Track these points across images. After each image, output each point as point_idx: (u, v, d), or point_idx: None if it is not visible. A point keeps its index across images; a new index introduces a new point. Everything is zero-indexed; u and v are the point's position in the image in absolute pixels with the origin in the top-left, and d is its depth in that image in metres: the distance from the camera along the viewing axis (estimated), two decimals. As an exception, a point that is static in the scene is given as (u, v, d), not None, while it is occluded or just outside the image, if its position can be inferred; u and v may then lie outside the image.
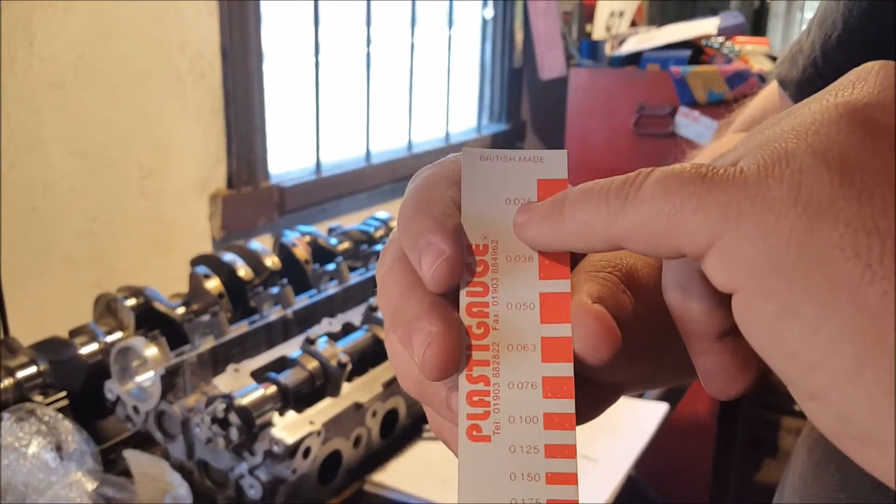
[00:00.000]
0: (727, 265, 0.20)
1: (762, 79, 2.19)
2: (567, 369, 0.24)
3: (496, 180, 0.26)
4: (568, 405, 0.24)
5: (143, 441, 0.92)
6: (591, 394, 0.28)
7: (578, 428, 0.24)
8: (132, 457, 0.85)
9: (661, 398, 1.12)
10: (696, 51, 2.35)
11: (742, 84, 2.20)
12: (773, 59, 2.49)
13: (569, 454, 0.24)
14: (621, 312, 0.25)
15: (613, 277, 0.26)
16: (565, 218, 0.23)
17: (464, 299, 0.25)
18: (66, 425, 0.84)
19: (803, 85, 0.45)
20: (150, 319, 0.99)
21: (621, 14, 2.79)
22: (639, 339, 0.28)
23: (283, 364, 0.92)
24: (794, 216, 0.19)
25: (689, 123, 2.25)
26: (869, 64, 0.22)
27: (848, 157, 0.19)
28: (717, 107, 2.23)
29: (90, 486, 0.79)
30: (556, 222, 0.23)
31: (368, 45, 1.84)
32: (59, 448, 0.83)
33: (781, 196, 0.19)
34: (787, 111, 0.22)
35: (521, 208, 0.25)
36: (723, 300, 0.23)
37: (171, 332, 0.94)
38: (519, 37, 2.47)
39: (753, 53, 2.45)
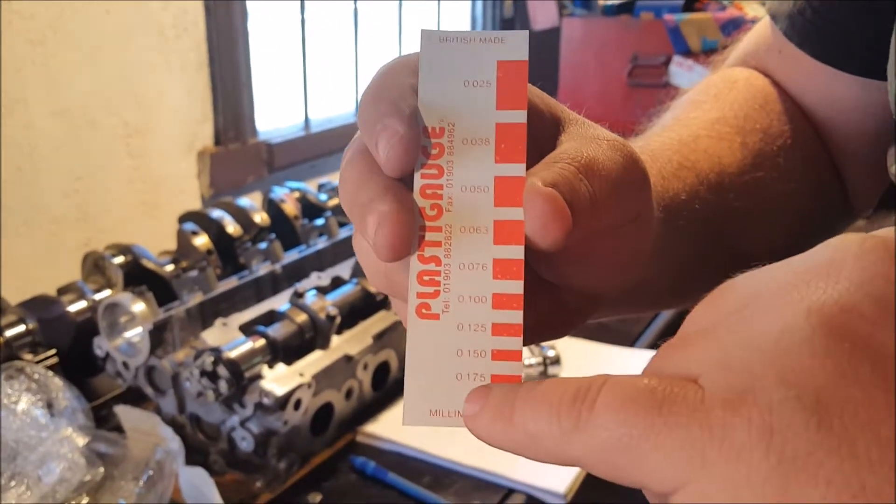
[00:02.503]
0: None
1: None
2: (518, 252, 0.24)
3: (455, 62, 0.26)
4: (516, 286, 0.24)
5: (134, 397, 0.92)
6: (565, 304, 0.28)
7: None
8: (123, 412, 0.85)
9: (652, 346, 1.12)
10: (689, -2, 2.32)
11: (736, 31, 2.17)
12: (769, 5, 2.45)
13: (515, 333, 0.24)
14: (578, 200, 0.24)
15: (571, 167, 0.25)
16: (515, 425, 0.21)
17: (418, 181, 0.25)
18: (57, 382, 0.84)
19: (793, 17, 0.46)
20: (139, 277, 0.98)
21: (614, -38, 2.74)
22: (606, 241, 0.27)
23: (271, 317, 0.91)
24: (766, 470, 0.16)
25: (683, 73, 2.23)
26: (847, 239, 0.19)
27: (824, 391, 0.17)
28: (712, 55, 2.20)
29: (81, 441, 0.79)
30: (506, 426, 0.21)
31: (355, -2, 1.81)
32: (49, 405, 0.83)
33: (751, 444, 0.17)
34: (754, 296, 0.19)
35: (474, 394, 0.23)
36: None
37: (160, 289, 0.94)
38: (510, -13, 2.44)
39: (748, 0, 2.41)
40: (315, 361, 0.88)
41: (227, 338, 0.86)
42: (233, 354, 0.81)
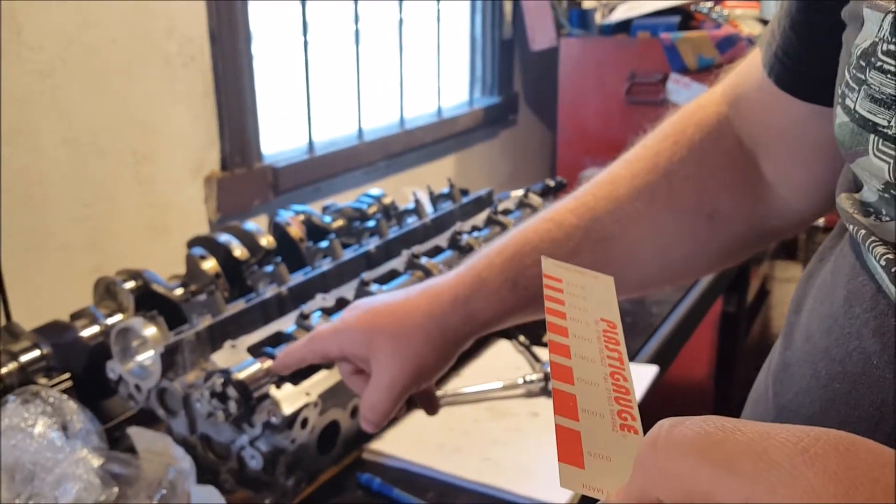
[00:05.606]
0: None
1: (752, 42, 2.20)
2: None
3: None
4: None
5: (146, 418, 0.94)
6: None
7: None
8: (136, 433, 0.87)
9: (651, 361, 1.14)
10: (685, 16, 2.35)
11: (732, 49, 2.21)
12: (764, 22, 2.48)
13: None
14: None
15: None
16: None
17: None
18: (71, 405, 0.87)
19: (767, 52, 0.53)
20: (150, 301, 1.01)
21: (611, -18, 2.77)
22: None
23: (278, 339, 0.94)
24: None
25: (680, 90, 2.26)
26: (823, 447, 0.20)
27: None
28: (708, 72, 2.23)
29: (96, 462, 0.82)
30: None
31: (357, 22, 1.85)
32: (64, 428, 0.85)
33: None
34: None
35: None
36: None
37: (170, 312, 0.96)
38: (508, 7, 2.47)
39: (743, 17, 2.44)
40: (321, 381, 0.90)
41: (236, 359, 0.88)
42: (241, 376, 0.84)
